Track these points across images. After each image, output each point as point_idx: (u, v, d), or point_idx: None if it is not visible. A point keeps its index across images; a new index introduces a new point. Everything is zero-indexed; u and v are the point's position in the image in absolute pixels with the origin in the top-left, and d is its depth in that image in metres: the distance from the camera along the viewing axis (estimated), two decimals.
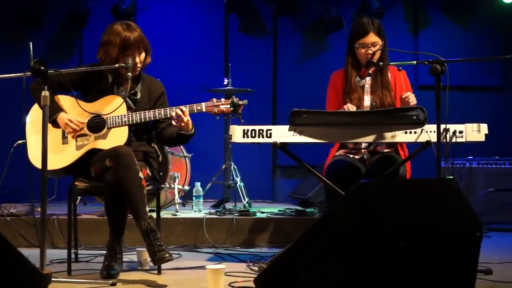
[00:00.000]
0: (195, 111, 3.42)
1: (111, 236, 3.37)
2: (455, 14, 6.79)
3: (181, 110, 3.37)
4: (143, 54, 3.52)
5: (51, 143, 3.24)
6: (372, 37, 3.74)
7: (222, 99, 3.44)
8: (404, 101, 3.62)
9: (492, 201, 5.43)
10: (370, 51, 3.73)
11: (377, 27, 3.76)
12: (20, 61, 5.81)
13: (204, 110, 3.41)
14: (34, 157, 3.40)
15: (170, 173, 5.00)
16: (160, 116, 3.42)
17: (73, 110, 3.45)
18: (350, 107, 3.66)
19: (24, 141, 3.50)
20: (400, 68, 3.63)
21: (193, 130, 3.44)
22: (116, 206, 3.30)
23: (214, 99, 3.44)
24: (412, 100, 3.60)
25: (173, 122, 3.43)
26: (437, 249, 2.20)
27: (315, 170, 3.61)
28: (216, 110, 3.42)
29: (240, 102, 3.43)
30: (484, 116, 4.37)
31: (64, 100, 3.51)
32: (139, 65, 3.46)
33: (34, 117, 3.51)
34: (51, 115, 3.36)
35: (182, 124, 3.38)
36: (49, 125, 3.32)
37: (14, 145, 4.18)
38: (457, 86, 5.91)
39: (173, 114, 3.37)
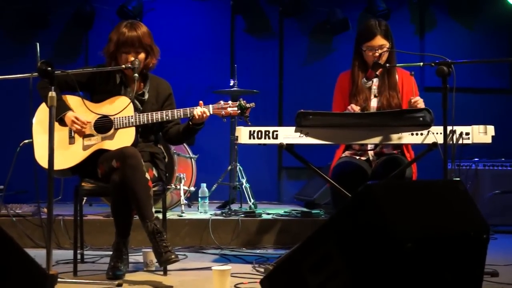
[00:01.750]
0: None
1: (117, 237, 3.38)
2: (461, 16, 6.77)
3: (203, 112, 3.38)
4: (142, 55, 3.48)
5: (57, 142, 3.25)
6: (379, 40, 3.72)
7: (230, 102, 3.43)
8: (412, 105, 3.58)
9: (498, 203, 5.42)
10: (377, 54, 3.71)
11: (384, 30, 3.74)
12: (27, 62, 5.81)
13: (211, 112, 3.42)
14: (41, 156, 3.40)
15: (176, 174, 4.99)
16: (167, 117, 3.42)
17: (80, 110, 3.46)
18: (354, 108, 3.66)
19: (30, 140, 3.50)
20: (412, 72, 3.57)
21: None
22: (123, 207, 3.30)
23: (222, 102, 3.44)
24: (421, 104, 3.56)
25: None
26: (443, 251, 2.19)
27: (321, 172, 3.61)
28: (223, 112, 3.42)
29: (248, 105, 3.42)
30: (491, 118, 4.37)
31: (71, 100, 3.51)
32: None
33: (41, 116, 3.51)
34: (59, 113, 3.36)
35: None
36: (56, 124, 3.32)
37: (20, 145, 4.17)
38: (463, 87, 5.88)
39: (196, 116, 3.38)
